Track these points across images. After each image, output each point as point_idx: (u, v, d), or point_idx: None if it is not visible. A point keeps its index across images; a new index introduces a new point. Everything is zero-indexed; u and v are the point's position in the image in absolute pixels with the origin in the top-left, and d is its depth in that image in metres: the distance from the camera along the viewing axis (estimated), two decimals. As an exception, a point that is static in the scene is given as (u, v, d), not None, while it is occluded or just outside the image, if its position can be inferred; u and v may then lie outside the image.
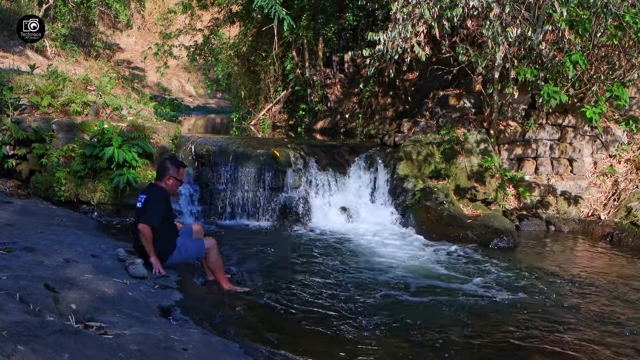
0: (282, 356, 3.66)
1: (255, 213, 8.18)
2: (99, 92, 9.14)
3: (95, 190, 7.50)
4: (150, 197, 4.85)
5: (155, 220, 4.76)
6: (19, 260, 4.42)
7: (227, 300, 4.73)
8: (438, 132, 9.26)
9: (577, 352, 4.15)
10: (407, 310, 4.87)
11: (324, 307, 4.82)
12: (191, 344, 3.29)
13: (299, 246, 6.95)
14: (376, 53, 8.61)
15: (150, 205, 4.79)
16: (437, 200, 8.21)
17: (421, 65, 10.31)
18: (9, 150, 7.75)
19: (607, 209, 8.92)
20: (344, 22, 13.84)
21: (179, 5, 17.30)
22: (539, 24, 7.90)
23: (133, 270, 4.61)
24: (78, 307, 3.59)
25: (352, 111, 13.01)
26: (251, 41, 15.27)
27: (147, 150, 7.73)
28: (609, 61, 8.68)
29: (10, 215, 6.24)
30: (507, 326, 4.64)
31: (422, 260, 6.56)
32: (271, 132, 13.67)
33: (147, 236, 4.73)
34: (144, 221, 4.73)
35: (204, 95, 29.15)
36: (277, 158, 8.44)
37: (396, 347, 4.11)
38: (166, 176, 4.94)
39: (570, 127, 9.54)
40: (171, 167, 4.96)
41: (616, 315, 5.01)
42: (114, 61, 23.06)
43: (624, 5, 7.55)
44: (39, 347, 2.67)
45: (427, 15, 7.89)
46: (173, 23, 18.51)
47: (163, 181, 4.96)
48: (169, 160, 5.08)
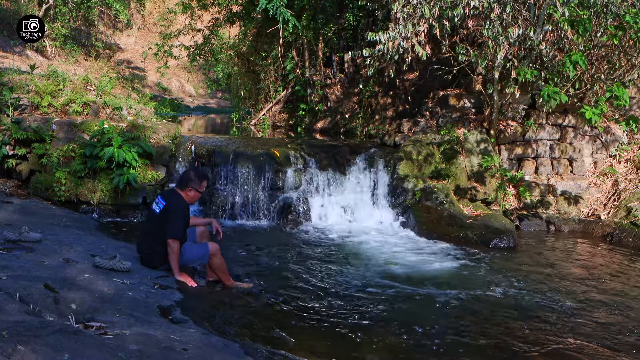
0: (282, 356, 3.66)
1: (255, 213, 8.17)
2: (99, 92, 9.13)
3: (95, 190, 7.50)
4: (172, 208, 4.80)
5: (181, 233, 4.77)
6: (19, 260, 4.42)
7: (227, 300, 4.73)
8: (438, 132, 9.26)
9: (577, 352, 4.15)
10: (407, 310, 4.87)
11: (324, 306, 4.82)
12: (191, 344, 3.29)
13: (298, 246, 6.95)
14: (376, 53, 8.61)
15: (174, 217, 4.75)
16: (437, 200, 8.21)
17: (421, 65, 10.31)
18: (9, 150, 7.74)
19: (607, 209, 8.92)
20: (344, 22, 13.83)
21: (179, 5, 17.29)
22: (539, 24, 7.90)
23: (121, 266, 4.62)
24: (78, 307, 3.59)
25: (352, 111, 13.00)
26: (251, 41, 15.26)
27: (147, 150, 7.72)
28: (609, 61, 8.68)
29: (10, 215, 6.24)
30: (507, 326, 4.64)
31: (422, 260, 6.55)
32: (271, 132, 13.67)
33: (176, 251, 4.73)
34: (174, 236, 4.70)
35: (204, 95, 29.13)
36: (277, 158, 8.44)
37: (396, 347, 4.11)
38: (188, 187, 4.92)
39: (570, 127, 9.54)
40: (195, 178, 4.94)
41: (616, 315, 5.01)
42: (114, 61, 23.05)
43: (624, 5, 7.55)
44: (39, 347, 2.67)
45: (428, 14, 7.89)
46: (173, 23, 18.49)
47: (184, 191, 4.92)
48: (193, 172, 5.05)
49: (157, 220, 4.82)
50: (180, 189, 4.95)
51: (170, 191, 5.08)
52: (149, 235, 5.00)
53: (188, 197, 4.94)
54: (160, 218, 4.80)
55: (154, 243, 4.89)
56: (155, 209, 4.88)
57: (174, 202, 4.85)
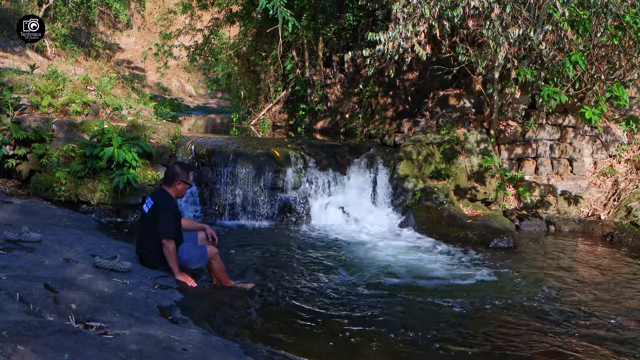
0: (282, 356, 3.66)
1: (255, 213, 8.18)
2: (99, 92, 9.13)
3: (95, 190, 7.50)
4: (160, 207, 4.80)
5: (171, 232, 4.76)
6: (19, 260, 4.42)
7: (227, 300, 4.72)
8: (438, 132, 9.26)
9: (576, 352, 4.15)
10: (407, 310, 4.87)
11: (324, 306, 4.82)
12: (191, 344, 3.29)
13: (298, 246, 6.95)
14: (376, 53, 8.61)
15: (163, 217, 4.75)
16: (437, 200, 8.20)
17: (421, 65, 10.31)
18: (9, 150, 7.74)
19: (607, 209, 8.92)
20: (344, 22, 13.83)
21: (179, 5, 17.30)
22: (539, 24, 7.90)
23: (121, 266, 4.62)
24: (78, 307, 3.59)
25: (352, 111, 13.00)
26: (251, 41, 15.26)
27: (147, 150, 7.72)
28: (609, 61, 8.68)
29: (10, 215, 6.24)
30: (507, 326, 4.64)
31: (422, 260, 6.56)
32: (271, 132, 13.67)
33: (172, 250, 4.73)
34: (165, 235, 4.70)
35: (204, 95, 29.13)
36: (277, 158, 8.44)
37: (396, 347, 4.11)
38: (176, 181, 4.91)
39: (570, 127, 9.54)
40: (181, 171, 4.93)
41: (616, 315, 5.01)
42: (114, 61, 23.05)
43: (624, 5, 7.55)
44: (39, 347, 2.67)
45: (428, 14, 7.89)
46: (173, 23, 18.50)
47: (173, 186, 4.92)
48: (178, 165, 5.05)
49: (147, 220, 4.85)
50: (168, 185, 4.95)
51: (158, 191, 5.09)
52: (142, 236, 5.02)
53: (177, 190, 4.94)
54: (149, 218, 4.82)
55: (148, 243, 4.90)
56: (144, 209, 4.91)
57: (161, 201, 4.85)
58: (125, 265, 4.65)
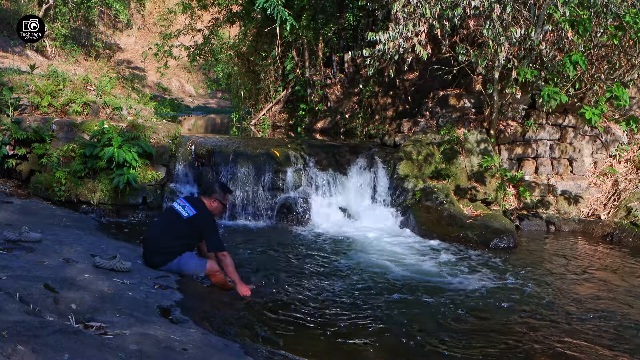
0: (282, 356, 3.66)
1: (255, 213, 8.18)
2: (99, 92, 9.13)
3: (95, 190, 7.50)
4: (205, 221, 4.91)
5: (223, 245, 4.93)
6: (19, 260, 4.42)
7: (227, 300, 4.73)
8: (438, 132, 9.26)
9: (577, 352, 4.15)
10: (407, 310, 4.87)
11: (324, 307, 4.82)
12: (191, 344, 3.29)
13: (299, 246, 6.95)
14: (376, 53, 8.61)
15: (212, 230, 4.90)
16: (437, 200, 8.20)
17: (421, 65, 10.31)
18: (9, 150, 7.74)
19: (607, 209, 8.92)
20: (344, 22, 13.83)
21: (179, 5, 17.30)
22: (539, 24, 7.90)
23: (121, 266, 4.62)
24: (78, 307, 3.59)
25: (352, 111, 13.00)
26: (251, 41, 15.26)
27: (147, 150, 7.73)
28: (609, 61, 8.68)
29: (10, 215, 6.24)
30: (507, 326, 4.64)
31: (422, 260, 6.55)
32: (271, 132, 13.67)
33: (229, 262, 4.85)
34: (221, 248, 4.86)
35: (204, 95, 29.13)
36: (277, 158, 8.44)
37: (396, 347, 4.11)
38: (212, 197, 5.05)
39: (570, 127, 9.54)
40: (219, 190, 5.11)
41: (617, 315, 5.01)
42: (114, 61, 23.05)
43: (624, 5, 7.55)
44: (39, 347, 2.67)
45: (428, 14, 7.89)
46: (173, 23, 18.50)
47: (209, 200, 5.04)
48: (218, 184, 5.29)
49: (179, 222, 4.89)
50: (206, 198, 5.07)
51: (197, 199, 5.13)
52: (162, 232, 5.02)
53: (212, 207, 5.06)
54: (184, 223, 4.87)
55: (165, 242, 4.91)
56: (180, 212, 4.92)
57: (204, 214, 4.94)
58: (125, 265, 4.66)
